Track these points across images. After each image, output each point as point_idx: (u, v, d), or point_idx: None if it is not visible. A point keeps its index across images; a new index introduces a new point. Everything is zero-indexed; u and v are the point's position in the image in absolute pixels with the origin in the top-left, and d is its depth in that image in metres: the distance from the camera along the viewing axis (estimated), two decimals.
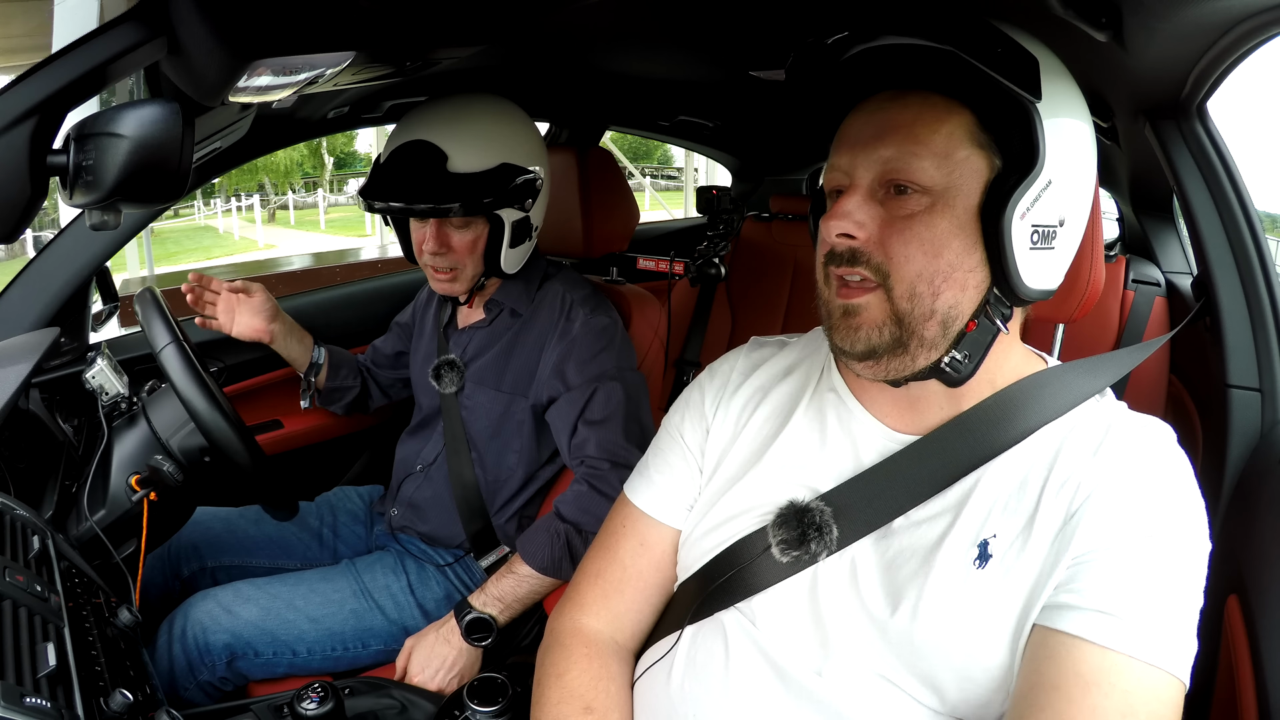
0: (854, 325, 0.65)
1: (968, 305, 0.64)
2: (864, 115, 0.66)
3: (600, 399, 1.17)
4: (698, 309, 2.19)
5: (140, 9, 0.71)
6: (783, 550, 0.67)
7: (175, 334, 1.01)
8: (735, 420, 0.78)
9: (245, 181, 23.05)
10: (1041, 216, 0.62)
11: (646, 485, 0.82)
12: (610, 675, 0.75)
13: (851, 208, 0.64)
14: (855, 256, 0.64)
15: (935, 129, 0.62)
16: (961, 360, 0.64)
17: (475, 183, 1.13)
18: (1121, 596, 0.55)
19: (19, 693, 0.55)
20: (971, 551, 0.61)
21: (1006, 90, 0.60)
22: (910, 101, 0.64)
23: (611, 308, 1.28)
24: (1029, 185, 0.61)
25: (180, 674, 1.09)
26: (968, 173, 0.62)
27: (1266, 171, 6.57)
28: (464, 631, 1.10)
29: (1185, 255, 1.66)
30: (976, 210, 0.62)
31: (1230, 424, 1.01)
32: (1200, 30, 0.79)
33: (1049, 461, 0.63)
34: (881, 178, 0.64)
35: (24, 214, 0.65)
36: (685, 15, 1.02)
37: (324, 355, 1.43)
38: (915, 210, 0.63)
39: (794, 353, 0.81)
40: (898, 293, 0.63)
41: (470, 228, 1.18)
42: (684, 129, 2.18)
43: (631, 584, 0.80)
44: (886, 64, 0.66)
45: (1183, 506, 0.59)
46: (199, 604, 1.13)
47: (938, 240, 0.62)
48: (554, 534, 1.12)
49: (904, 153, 0.62)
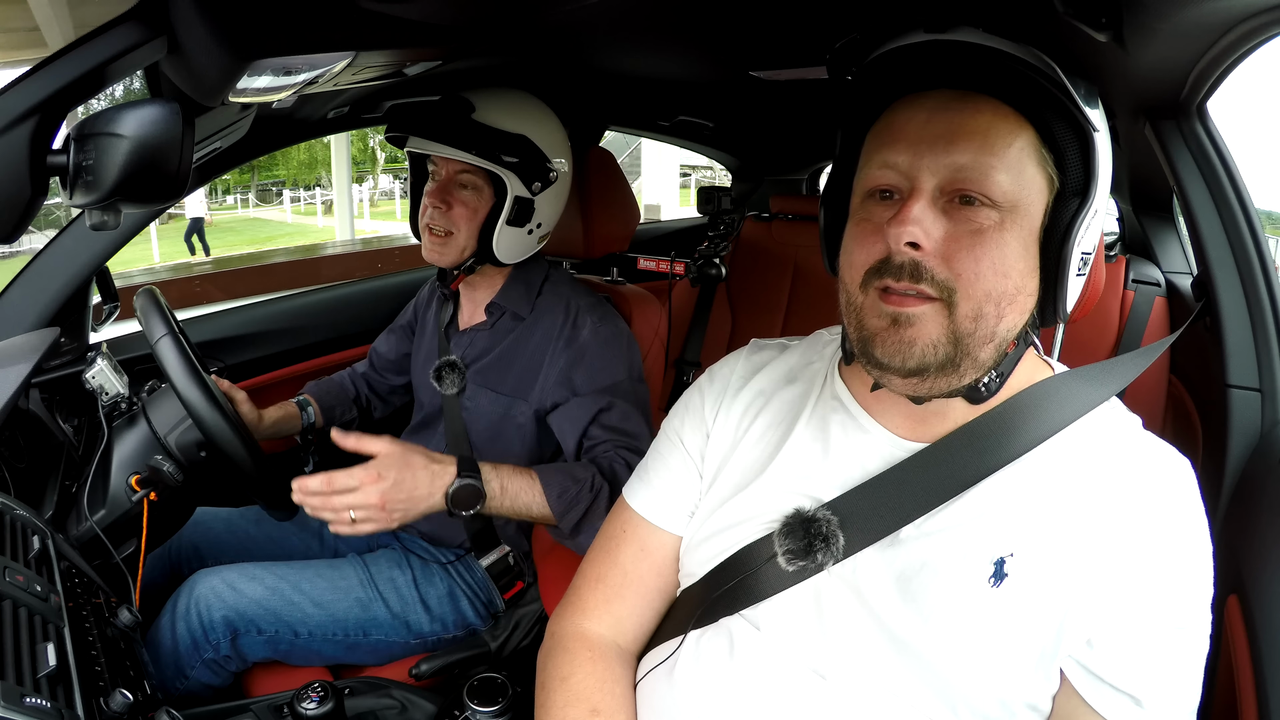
0: (906, 339, 0.59)
1: (1018, 329, 0.61)
2: (925, 112, 0.61)
3: (618, 410, 1.17)
4: (698, 309, 2.19)
5: (140, 9, 0.71)
6: (789, 559, 0.66)
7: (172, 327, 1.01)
8: (736, 425, 0.77)
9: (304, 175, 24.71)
10: (1088, 243, 0.61)
11: (646, 489, 0.81)
12: (615, 678, 0.75)
13: (920, 213, 0.58)
14: (918, 271, 0.58)
15: (1010, 141, 0.59)
16: (995, 379, 0.63)
17: (494, 137, 1.16)
18: (1150, 680, 0.58)
19: (19, 693, 0.55)
20: (987, 569, 0.60)
21: (1076, 113, 0.58)
22: (981, 107, 0.59)
23: (618, 315, 1.28)
24: (1086, 212, 0.59)
25: (185, 651, 1.09)
26: (1034, 192, 0.59)
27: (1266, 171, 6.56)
28: (453, 492, 0.98)
29: (1185, 255, 1.66)
30: (1039, 233, 0.60)
31: (1230, 424, 1.01)
32: (1200, 30, 0.79)
33: (1067, 479, 0.62)
34: (948, 184, 0.59)
35: (24, 214, 0.66)
36: (685, 15, 1.02)
37: (315, 412, 1.40)
38: (985, 225, 0.58)
39: (795, 356, 0.79)
40: (962, 311, 0.58)
41: (475, 194, 1.20)
42: (684, 129, 2.18)
43: (632, 589, 0.79)
44: (948, 60, 0.61)
45: (1203, 560, 0.60)
46: (205, 579, 1.13)
47: (1008, 260, 0.58)
48: (586, 484, 1.08)
49: (980, 162, 0.58)
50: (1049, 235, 0.60)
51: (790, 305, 2.09)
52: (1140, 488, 0.60)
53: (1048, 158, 0.60)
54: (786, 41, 1.13)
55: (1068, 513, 0.60)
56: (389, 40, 0.88)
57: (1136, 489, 0.60)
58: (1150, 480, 0.61)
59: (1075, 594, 0.58)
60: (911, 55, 0.63)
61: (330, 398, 1.45)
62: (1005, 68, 0.59)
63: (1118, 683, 0.58)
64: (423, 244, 1.24)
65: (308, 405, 1.39)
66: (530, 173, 1.19)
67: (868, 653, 0.63)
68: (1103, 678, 0.58)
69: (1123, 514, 0.59)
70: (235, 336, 1.66)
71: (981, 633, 0.59)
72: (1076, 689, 0.59)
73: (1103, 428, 0.64)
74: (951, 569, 0.61)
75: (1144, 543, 0.58)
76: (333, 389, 1.47)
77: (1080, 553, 0.59)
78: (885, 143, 0.62)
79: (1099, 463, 0.62)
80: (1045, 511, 0.61)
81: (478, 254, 1.22)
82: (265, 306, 1.81)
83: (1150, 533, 0.58)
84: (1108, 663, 0.58)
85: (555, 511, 1.06)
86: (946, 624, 0.60)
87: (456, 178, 1.20)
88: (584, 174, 1.42)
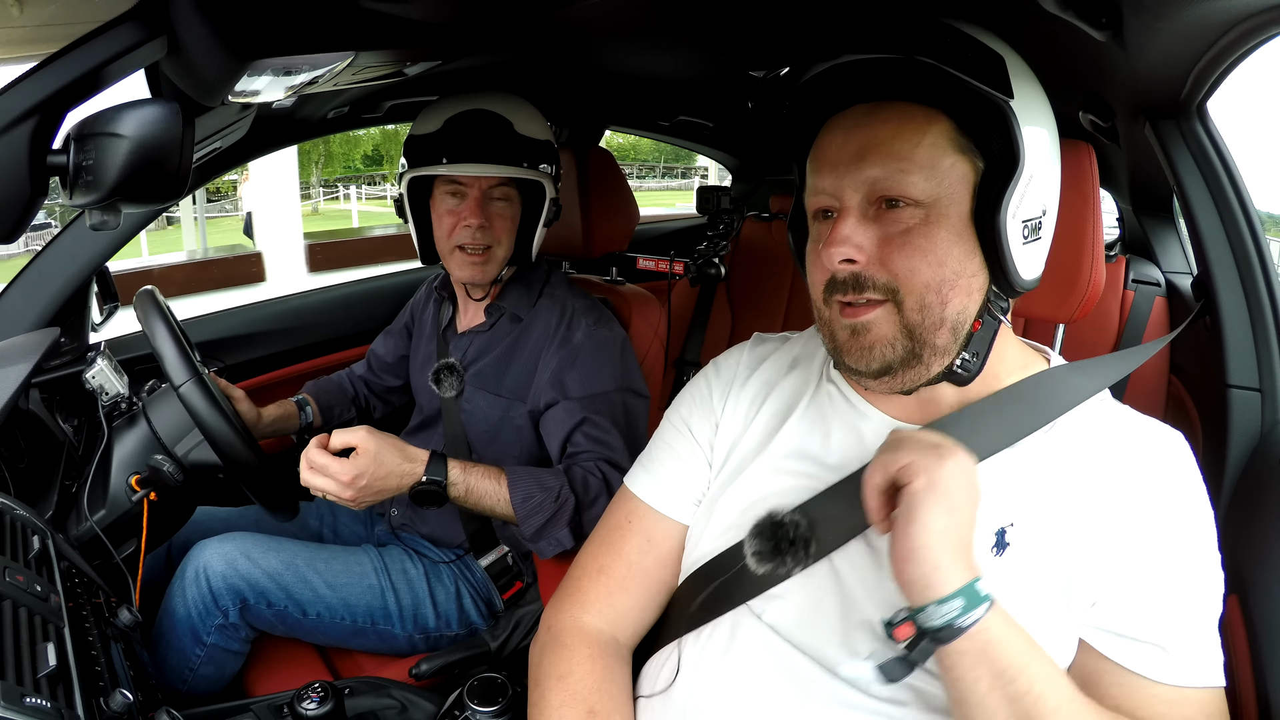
0: (865, 344, 0.64)
1: (973, 308, 0.64)
2: (840, 133, 0.65)
3: (602, 420, 1.16)
4: (698, 309, 2.18)
5: (140, 9, 0.71)
6: (758, 561, 0.67)
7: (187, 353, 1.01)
8: (744, 415, 0.78)
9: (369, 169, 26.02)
10: (1029, 211, 0.63)
11: (650, 478, 0.81)
12: (613, 678, 0.74)
13: (849, 231, 0.63)
14: (860, 282, 0.63)
15: (918, 141, 0.62)
16: (971, 359, 0.65)
17: (537, 148, 1.19)
18: (1169, 626, 0.59)
19: (19, 693, 0.55)
20: (988, 539, 0.61)
21: (982, 93, 0.60)
22: (888, 114, 0.63)
23: (615, 320, 1.28)
24: (1015, 184, 0.61)
25: (198, 617, 1.09)
26: (955, 180, 0.62)
27: (1266, 171, 6.56)
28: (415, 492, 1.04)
29: (1185, 255, 1.65)
30: (969, 215, 0.63)
31: (1230, 424, 1.01)
32: (1200, 30, 0.79)
33: (1063, 451, 0.63)
34: (871, 195, 0.63)
35: (24, 214, 0.66)
36: (685, 15, 1.02)
37: (313, 412, 1.40)
38: (911, 223, 0.62)
39: (796, 347, 0.81)
40: (908, 305, 0.63)
41: (510, 204, 1.21)
42: (684, 129, 2.18)
43: (637, 581, 0.79)
44: (855, 78, 0.65)
45: (1200, 514, 0.61)
46: (215, 546, 1.13)
47: (939, 250, 0.62)
48: (554, 493, 1.08)
49: (891, 170, 0.62)
50: (980, 214, 0.62)
51: (790, 305, 2.09)
52: (1135, 454, 0.63)
53: (968, 143, 0.63)
54: (787, 41, 1.13)
55: (1065, 480, 0.62)
56: (389, 40, 0.88)
57: (1131, 455, 0.63)
58: (1144, 447, 0.63)
59: (1078, 556, 0.60)
60: (824, 81, 0.67)
61: (329, 397, 1.45)
62: (899, 72, 0.63)
63: (1138, 635, 0.59)
64: (454, 263, 1.21)
65: (306, 405, 1.40)
66: (558, 173, 1.24)
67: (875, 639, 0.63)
68: (1122, 633, 0.59)
69: (1119, 477, 0.61)
70: (235, 336, 1.66)
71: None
72: (1101, 651, 0.60)
73: (1097, 409, 0.66)
74: None
75: (1141, 501, 0.60)
76: (331, 389, 1.47)
77: (1079, 516, 0.61)
78: (815, 168, 0.67)
79: (1094, 435, 0.64)
80: (1043, 481, 0.63)
81: (512, 258, 1.24)
82: (265, 306, 1.81)
83: (1146, 492, 0.61)
84: (1122, 619, 0.59)
85: (518, 516, 1.08)
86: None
87: (490, 192, 1.19)
88: (584, 174, 1.42)
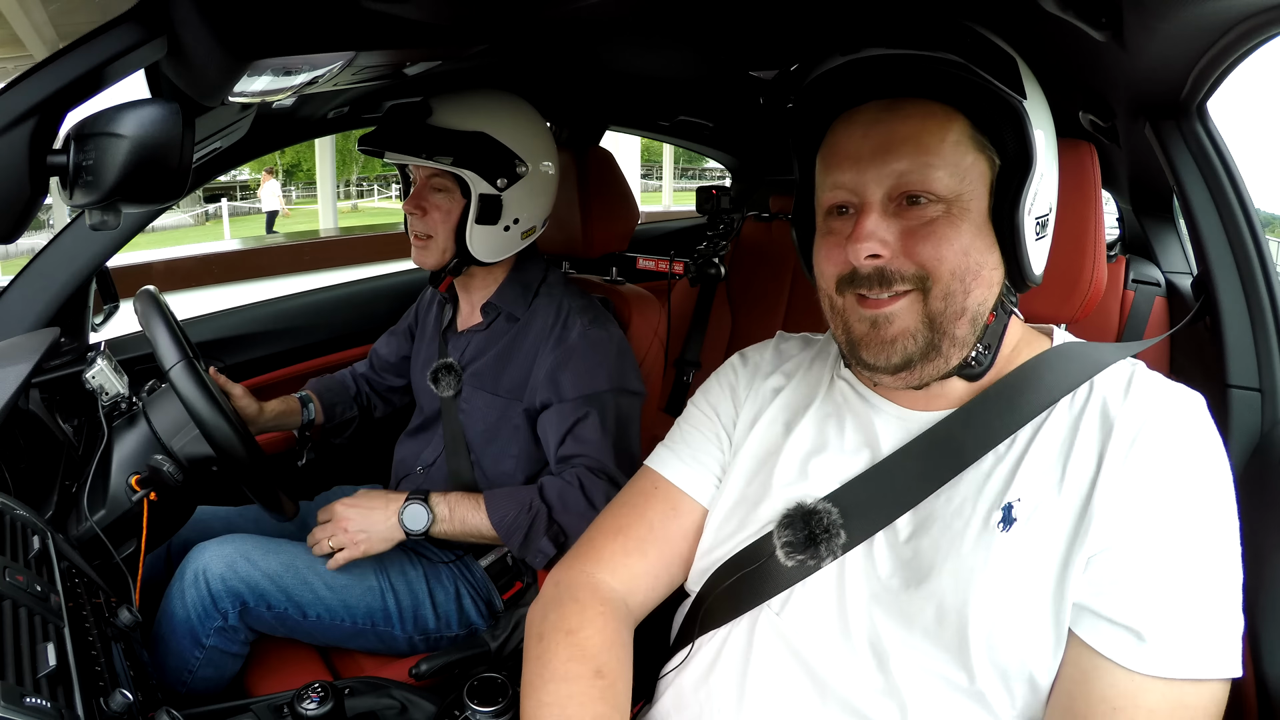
0: (886, 338, 0.64)
1: (991, 300, 0.65)
2: (860, 127, 0.65)
3: (593, 423, 1.16)
4: (698, 309, 2.18)
5: (140, 9, 0.71)
6: (788, 553, 0.66)
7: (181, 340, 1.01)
8: (762, 407, 0.79)
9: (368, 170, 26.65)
10: (1040, 208, 0.64)
11: (675, 459, 0.81)
12: (622, 641, 0.72)
13: (873, 226, 0.63)
14: (886, 277, 0.63)
15: (942, 137, 0.63)
16: (984, 352, 0.66)
17: (449, 138, 1.17)
18: (1150, 612, 0.55)
19: (19, 693, 0.55)
20: (995, 514, 0.61)
21: (1000, 93, 0.61)
22: (909, 111, 0.63)
23: (611, 320, 1.28)
24: (1030, 182, 0.62)
25: (197, 619, 1.09)
26: (975, 177, 0.63)
27: (1266, 171, 6.57)
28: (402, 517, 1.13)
29: (1185, 255, 1.65)
30: (988, 212, 0.63)
31: (1230, 424, 1.01)
32: (1200, 30, 0.79)
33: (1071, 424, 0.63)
34: (894, 190, 0.63)
35: (24, 214, 0.66)
36: (685, 15, 1.02)
37: (316, 408, 1.42)
38: (934, 216, 0.63)
39: (815, 347, 0.83)
40: (934, 293, 0.63)
41: (446, 196, 1.21)
42: (684, 129, 2.18)
43: (656, 547, 0.77)
44: (872, 74, 0.65)
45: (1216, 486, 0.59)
46: (213, 548, 1.13)
47: (963, 244, 0.63)
48: (526, 506, 1.12)
49: (918, 164, 0.62)
50: (998, 210, 0.63)
51: (790, 305, 2.09)
52: (1147, 415, 0.60)
53: (984, 140, 0.63)
54: (787, 41, 1.13)
55: (1072, 449, 0.61)
56: (389, 40, 0.87)
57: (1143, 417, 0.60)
58: (1157, 409, 0.60)
59: (1079, 521, 0.58)
60: (838, 76, 0.66)
61: (332, 395, 1.45)
62: (920, 69, 0.63)
63: (1115, 616, 0.56)
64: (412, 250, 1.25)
65: (309, 401, 1.40)
66: (492, 169, 1.19)
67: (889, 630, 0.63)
68: (1100, 612, 0.56)
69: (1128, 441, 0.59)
70: (235, 336, 1.66)
71: (997, 580, 0.59)
72: (1078, 634, 0.57)
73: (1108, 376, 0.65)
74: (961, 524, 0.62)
75: (1148, 468, 0.58)
76: (334, 386, 1.48)
77: (1083, 481, 0.59)
78: (831, 164, 0.67)
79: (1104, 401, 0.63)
80: (1050, 454, 0.62)
81: (459, 255, 1.23)
82: (265, 306, 1.81)
83: (1155, 458, 0.58)
84: (1104, 594, 0.56)
85: (501, 536, 1.12)
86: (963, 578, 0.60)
87: (428, 182, 1.21)
88: (584, 174, 1.42)
